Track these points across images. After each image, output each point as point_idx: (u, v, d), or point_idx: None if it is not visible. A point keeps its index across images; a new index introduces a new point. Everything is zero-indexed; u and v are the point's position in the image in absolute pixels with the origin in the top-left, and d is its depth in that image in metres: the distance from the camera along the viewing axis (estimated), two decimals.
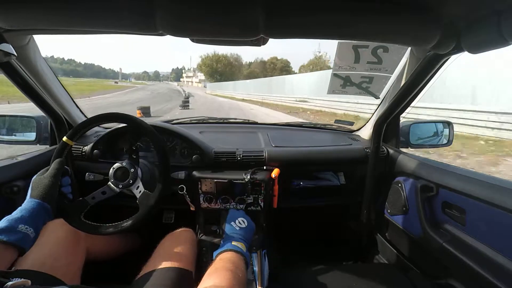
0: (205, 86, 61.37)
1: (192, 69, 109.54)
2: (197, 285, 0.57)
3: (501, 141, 5.26)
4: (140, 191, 0.80)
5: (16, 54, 0.56)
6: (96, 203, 0.78)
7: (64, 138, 0.78)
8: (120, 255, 1.02)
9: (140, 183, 0.81)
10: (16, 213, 0.60)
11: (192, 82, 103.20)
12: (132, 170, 0.80)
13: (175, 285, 0.67)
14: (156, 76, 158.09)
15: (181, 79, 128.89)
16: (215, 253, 0.69)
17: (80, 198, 0.77)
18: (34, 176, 0.69)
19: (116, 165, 0.81)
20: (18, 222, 0.58)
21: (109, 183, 0.80)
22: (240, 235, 0.76)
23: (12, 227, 0.56)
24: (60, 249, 0.73)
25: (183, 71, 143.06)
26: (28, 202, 0.63)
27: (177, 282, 0.67)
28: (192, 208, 1.00)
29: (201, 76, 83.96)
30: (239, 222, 0.79)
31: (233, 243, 0.70)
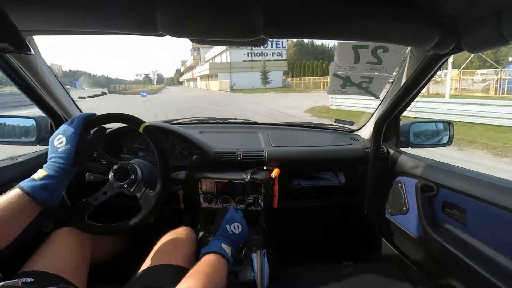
0: (232, 88, 28.15)
1: (192, 51, 51.62)
2: None
3: None
4: (141, 191, 0.80)
5: (33, 52, 0.57)
6: (99, 203, 0.79)
7: None
8: (119, 256, 1.02)
9: (142, 183, 0.81)
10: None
11: (194, 78, 55.27)
12: (132, 170, 0.80)
13: (170, 282, 0.68)
14: (159, 80, 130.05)
15: (180, 79, 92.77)
16: (202, 251, 0.72)
17: (84, 200, 0.78)
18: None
19: (116, 165, 0.81)
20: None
21: (110, 182, 0.80)
22: (231, 239, 0.78)
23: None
24: (68, 253, 0.75)
25: (182, 64, 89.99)
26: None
27: (173, 279, 0.68)
28: (182, 206, 1.00)
29: (211, 61, 39.28)
30: (233, 227, 0.81)
31: (222, 245, 0.73)
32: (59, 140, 0.68)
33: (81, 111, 1.15)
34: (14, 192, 0.60)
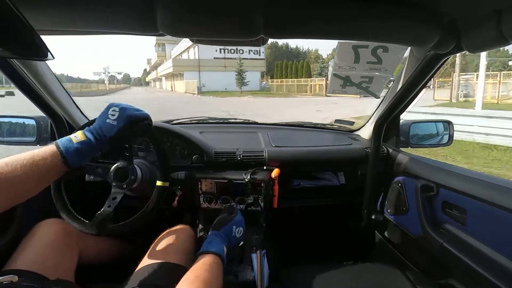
0: (200, 90, 23.96)
1: (157, 46, 47.55)
2: None
3: None
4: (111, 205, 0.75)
5: (53, 57, 0.56)
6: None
7: None
8: (118, 255, 1.02)
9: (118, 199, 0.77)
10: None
11: (159, 78, 49.87)
12: (132, 170, 0.80)
13: (168, 279, 0.68)
14: (125, 80, 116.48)
15: (146, 79, 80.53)
16: (204, 246, 0.72)
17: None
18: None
19: (116, 165, 0.81)
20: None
21: (112, 187, 0.78)
22: (231, 240, 0.78)
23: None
24: (49, 249, 0.73)
25: (147, 62, 79.25)
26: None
27: (171, 277, 0.68)
28: (174, 204, 0.98)
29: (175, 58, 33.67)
30: (237, 231, 0.81)
31: (224, 248, 0.74)
32: (113, 112, 0.66)
33: (81, 111, 1.15)
34: (50, 149, 0.60)
